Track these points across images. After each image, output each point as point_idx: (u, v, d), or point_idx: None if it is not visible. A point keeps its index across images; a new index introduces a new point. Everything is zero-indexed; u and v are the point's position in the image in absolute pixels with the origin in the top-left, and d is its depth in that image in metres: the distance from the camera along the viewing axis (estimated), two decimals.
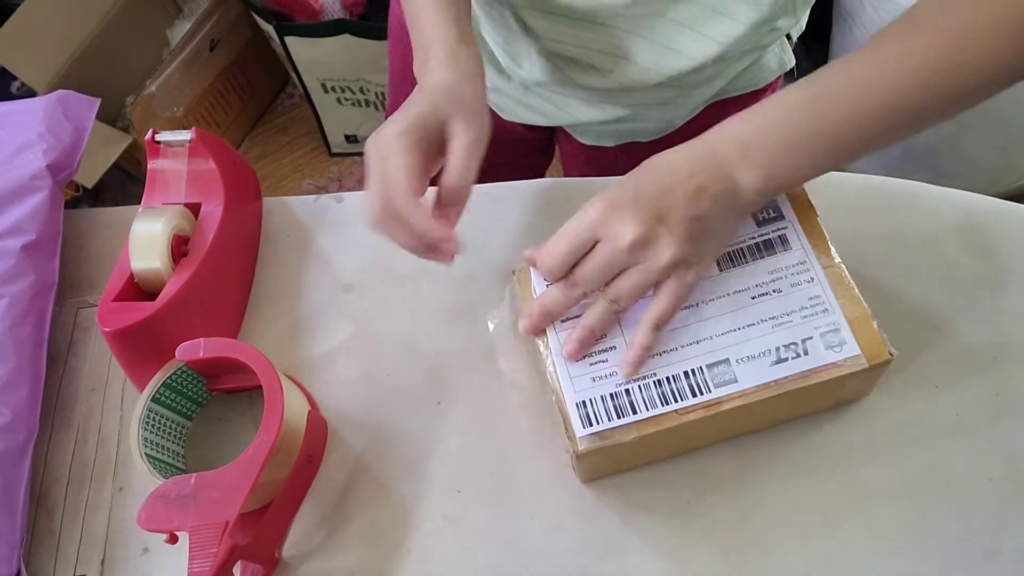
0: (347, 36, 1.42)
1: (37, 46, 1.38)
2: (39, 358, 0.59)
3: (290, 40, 1.45)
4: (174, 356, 0.53)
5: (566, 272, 0.50)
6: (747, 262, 0.53)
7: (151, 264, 0.56)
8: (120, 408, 0.61)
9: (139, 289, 0.58)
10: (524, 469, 0.56)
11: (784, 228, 0.53)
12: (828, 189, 0.65)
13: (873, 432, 0.55)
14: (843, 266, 0.52)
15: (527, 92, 0.71)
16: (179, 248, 0.59)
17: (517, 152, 0.87)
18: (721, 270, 0.52)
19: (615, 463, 0.54)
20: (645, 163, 0.50)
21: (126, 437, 0.59)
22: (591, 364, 0.51)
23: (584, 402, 0.49)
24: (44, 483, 0.58)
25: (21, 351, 0.57)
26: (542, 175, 0.95)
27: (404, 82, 0.84)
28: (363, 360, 0.61)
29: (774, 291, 0.51)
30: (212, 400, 0.59)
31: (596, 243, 0.49)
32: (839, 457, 0.54)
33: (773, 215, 0.54)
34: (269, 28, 1.45)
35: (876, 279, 0.59)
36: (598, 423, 0.49)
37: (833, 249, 0.52)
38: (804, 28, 0.70)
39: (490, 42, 0.70)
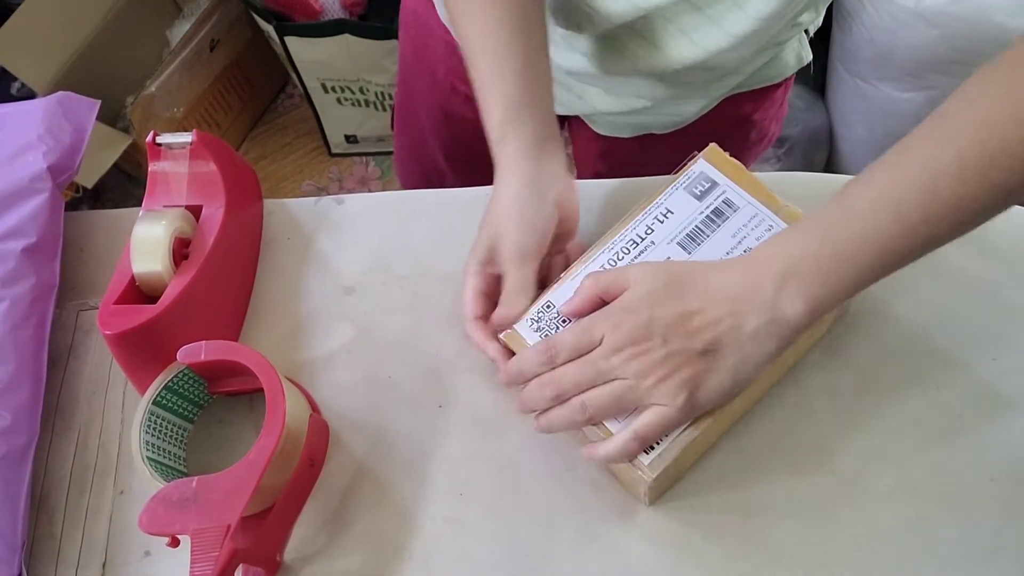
0: (347, 36, 1.42)
1: (37, 46, 1.37)
2: (40, 361, 0.59)
3: (290, 40, 1.44)
4: (175, 359, 0.53)
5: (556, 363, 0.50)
6: (708, 236, 0.55)
7: (152, 267, 0.56)
8: (121, 411, 0.61)
9: (140, 292, 0.58)
10: (525, 471, 0.56)
11: (723, 192, 0.56)
12: (827, 190, 0.65)
13: (874, 433, 0.55)
14: (790, 204, 0.54)
15: None
16: (180, 251, 0.59)
17: None
18: (690, 253, 0.54)
19: (678, 470, 0.53)
20: (678, 273, 0.49)
21: (127, 440, 0.59)
22: None
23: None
24: (45, 486, 0.58)
25: (22, 354, 0.57)
26: None
27: (414, 75, 0.84)
28: (364, 362, 0.61)
29: (745, 249, 0.53)
30: (213, 402, 0.59)
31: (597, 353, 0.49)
32: (840, 458, 0.54)
33: (707, 186, 0.56)
34: (269, 28, 1.45)
35: None
36: (657, 443, 0.49)
37: (775, 194, 0.55)
38: (820, 24, 0.70)
39: None
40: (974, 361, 0.57)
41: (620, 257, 0.55)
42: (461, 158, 0.88)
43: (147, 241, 0.57)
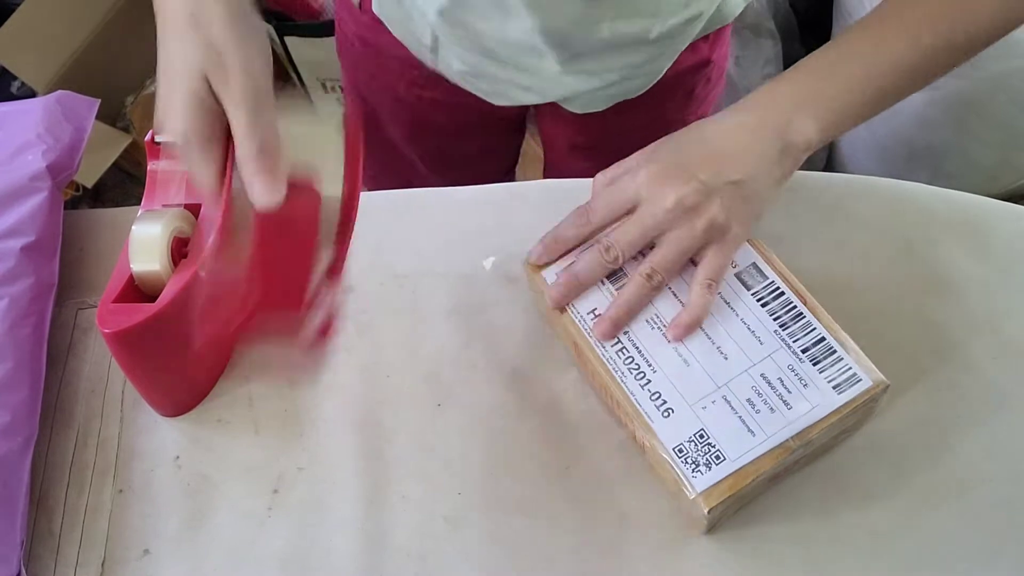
0: None
1: (37, 46, 1.38)
2: (39, 359, 0.59)
3: (290, 40, 1.45)
4: (174, 358, 0.52)
5: (604, 226, 0.51)
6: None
7: (150, 267, 0.56)
8: (120, 410, 0.61)
9: (139, 291, 0.58)
10: (525, 471, 0.56)
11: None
12: (828, 190, 0.65)
13: (873, 433, 0.55)
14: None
15: (521, 72, 0.70)
16: (179, 250, 0.59)
17: (489, 132, 0.87)
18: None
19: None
20: (691, 130, 0.52)
21: (126, 438, 0.59)
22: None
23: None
24: (44, 485, 0.58)
25: (20, 352, 0.57)
26: (518, 151, 0.96)
27: (375, 98, 0.83)
28: (362, 361, 0.61)
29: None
30: (212, 402, 0.59)
31: (635, 207, 0.50)
32: (839, 458, 0.54)
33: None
34: (269, 28, 1.45)
35: (876, 279, 0.59)
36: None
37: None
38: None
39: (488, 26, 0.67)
40: (974, 360, 0.57)
41: None
42: (444, 163, 0.88)
43: (145, 240, 0.57)
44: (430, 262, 0.65)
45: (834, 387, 0.49)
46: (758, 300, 0.52)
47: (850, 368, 0.50)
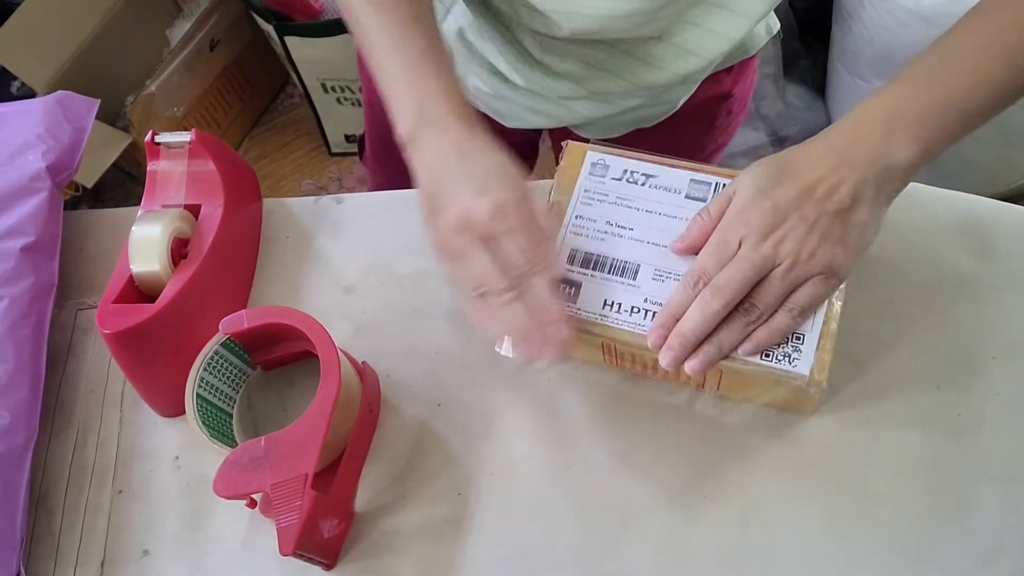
0: (347, 36, 1.42)
1: (37, 46, 1.38)
2: (38, 360, 0.59)
3: (290, 40, 1.45)
4: (173, 358, 0.53)
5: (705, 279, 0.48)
6: None
7: (150, 267, 0.57)
8: (119, 410, 0.61)
9: (139, 291, 0.58)
10: (525, 471, 0.56)
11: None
12: None
13: (874, 432, 0.55)
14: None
15: (535, 97, 0.70)
16: (179, 250, 0.59)
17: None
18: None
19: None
20: (778, 160, 0.49)
21: (126, 438, 0.59)
22: None
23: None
24: (44, 485, 0.58)
25: (20, 353, 0.57)
26: (531, 171, 0.95)
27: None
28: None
29: None
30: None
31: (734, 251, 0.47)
32: (839, 457, 0.54)
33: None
34: (269, 28, 1.45)
35: (876, 279, 0.59)
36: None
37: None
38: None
39: (500, 58, 0.68)
40: (974, 361, 0.57)
41: None
42: None
43: (145, 241, 0.57)
44: (430, 262, 0.64)
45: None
46: None
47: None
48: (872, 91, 0.49)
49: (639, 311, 0.52)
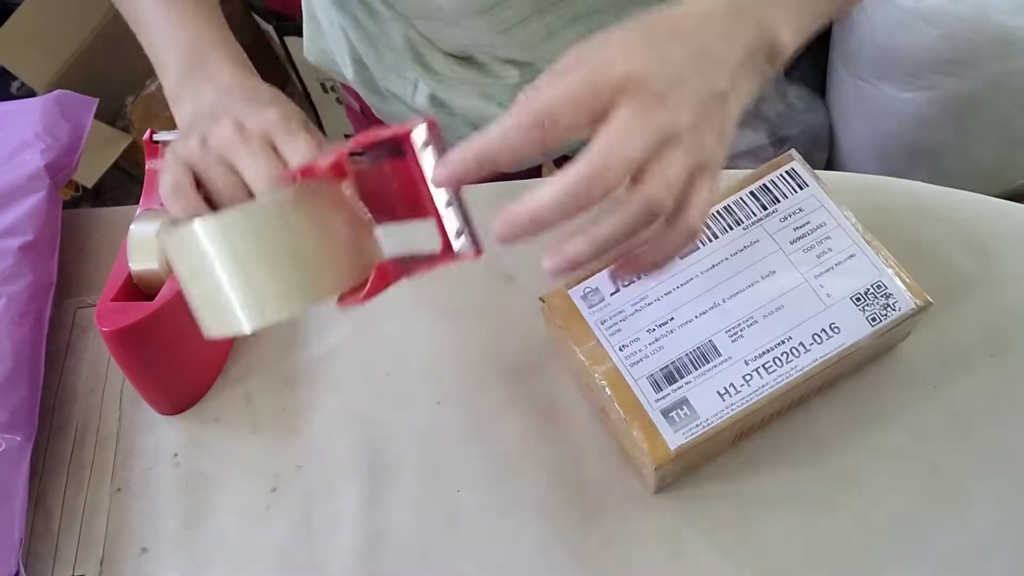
0: None
1: (37, 46, 1.38)
2: (37, 358, 0.59)
3: (290, 40, 1.45)
4: (172, 357, 0.52)
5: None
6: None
7: (149, 265, 0.56)
8: (119, 408, 0.61)
9: (137, 289, 0.58)
10: (524, 470, 0.56)
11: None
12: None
13: (871, 430, 0.55)
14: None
15: None
16: None
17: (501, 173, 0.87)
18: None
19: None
20: (663, 20, 0.39)
21: (125, 436, 0.59)
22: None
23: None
24: (42, 484, 0.58)
25: (19, 351, 0.57)
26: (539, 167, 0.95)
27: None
28: (362, 360, 0.61)
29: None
30: (209, 401, 0.59)
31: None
32: (839, 456, 0.54)
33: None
34: (269, 28, 1.45)
35: None
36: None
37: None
38: None
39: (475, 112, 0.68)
40: (973, 361, 0.57)
41: None
42: None
43: (144, 239, 0.57)
44: None
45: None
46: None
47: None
48: None
49: (749, 376, 0.50)
